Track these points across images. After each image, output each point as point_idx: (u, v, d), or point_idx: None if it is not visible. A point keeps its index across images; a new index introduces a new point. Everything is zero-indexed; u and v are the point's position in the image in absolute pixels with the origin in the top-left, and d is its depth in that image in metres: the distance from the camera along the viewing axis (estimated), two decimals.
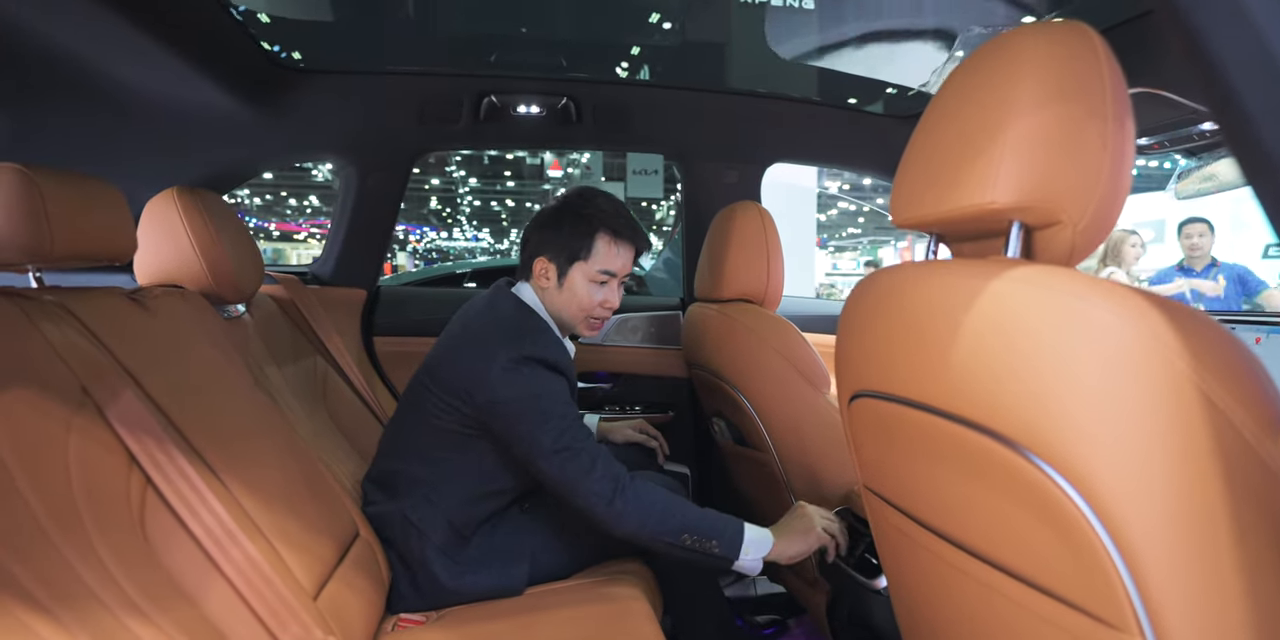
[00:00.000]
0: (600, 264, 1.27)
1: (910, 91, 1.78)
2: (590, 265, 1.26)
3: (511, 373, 1.17)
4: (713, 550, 1.14)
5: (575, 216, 1.27)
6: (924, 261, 0.76)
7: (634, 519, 1.13)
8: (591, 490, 1.13)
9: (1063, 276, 0.57)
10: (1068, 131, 0.61)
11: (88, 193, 0.95)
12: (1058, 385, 0.54)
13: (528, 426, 1.16)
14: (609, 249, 1.27)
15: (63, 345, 0.80)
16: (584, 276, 1.27)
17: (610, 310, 1.31)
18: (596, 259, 1.27)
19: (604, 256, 1.27)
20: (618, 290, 1.31)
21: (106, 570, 0.68)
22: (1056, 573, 0.58)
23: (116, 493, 0.76)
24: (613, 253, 1.27)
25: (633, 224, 1.30)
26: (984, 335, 0.60)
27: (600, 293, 1.28)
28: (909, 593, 0.87)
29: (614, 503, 1.13)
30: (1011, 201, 0.62)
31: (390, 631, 1.16)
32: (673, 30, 2.91)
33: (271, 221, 22.07)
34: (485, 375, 1.17)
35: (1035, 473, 0.56)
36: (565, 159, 17.79)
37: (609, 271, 1.27)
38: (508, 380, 1.17)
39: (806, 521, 1.17)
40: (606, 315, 1.32)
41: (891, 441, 0.79)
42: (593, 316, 1.31)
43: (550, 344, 1.23)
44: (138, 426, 0.81)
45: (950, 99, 0.72)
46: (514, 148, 2.00)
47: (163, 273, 1.25)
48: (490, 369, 1.17)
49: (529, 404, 1.17)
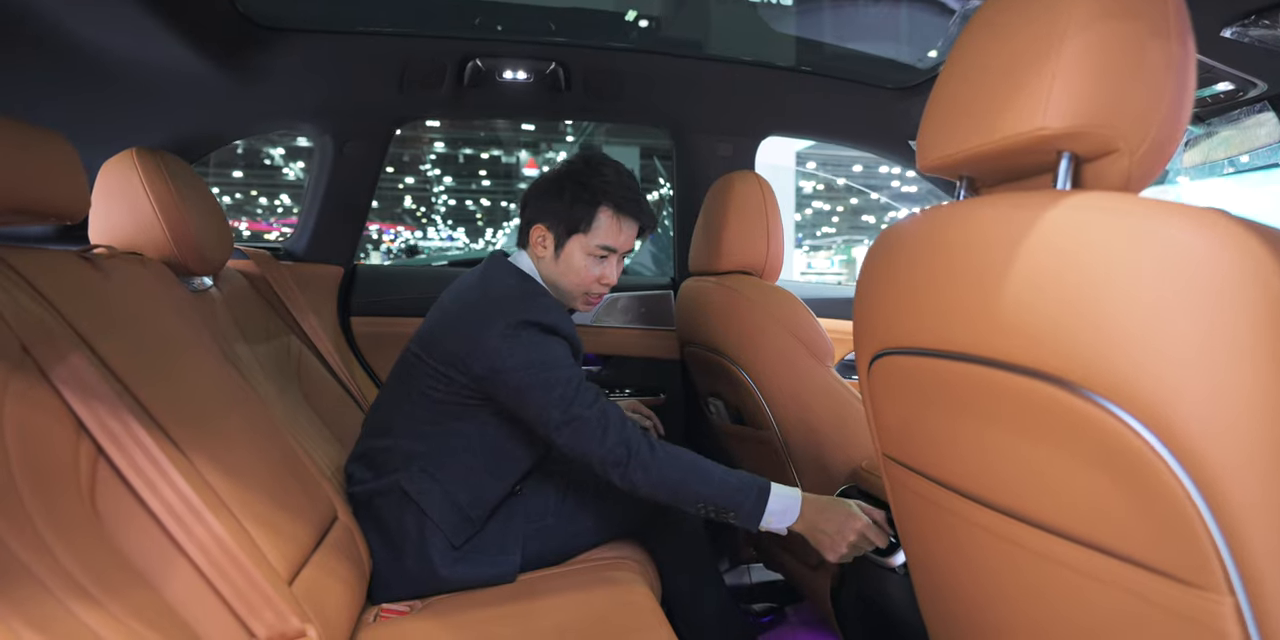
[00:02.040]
0: (601, 238, 1.19)
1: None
2: (590, 239, 1.19)
3: (511, 339, 1.11)
4: (729, 519, 1.08)
5: (578, 186, 1.19)
6: (959, 201, 0.70)
7: (648, 486, 1.08)
8: (605, 459, 1.08)
9: (1130, 200, 0.52)
10: (1129, 50, 0.56)
11: (31, 140, 0.85)
12: (1134, 317, 0.48)
13: (534, 397, 1.10)
14: (611, 223, 1.20)
15: (1, 301, 0.71)
16: (582, 250, 1.20)
17: (608, 287, 1.25)
18: (597, 233, 1.19)
19: (605, 231, 1.19)
20: (617, 266, 1.24)
21: (46, 548, 0.60)
22: (1127, 532, 0.52)
23: (62, 463, 0.68)
24: (615, 227, 1.20)
25: (639, 198, 1.22)
26: (1041, 269, 0.54)
27: (598, 268, 1.22)
28: (936, 568, 0.82)
29: (628, 470, 1.07)
30: (1064, 127, 0.56)
31: (372, 623, 1.08)
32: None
33: (242, 221, 21.68)
34: (484, 343, 1.11)
35: (1105, 419, 0.50)
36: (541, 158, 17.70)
37: (609, 247, 1.20)
38: (508, 348, 1.11)
39: (846, 509, 1.07)
40: (603, 291, 1.26)
41: (921, 401, 0.74)
42: (589, 292, 1.24)
43: (549, 307, 1.17)
44: (87, 392, 0.73)
45: (988, 24, 0.66)
46: (498, 116, 1.92)
47: (120, 239, 1.15)
48: (488, 336, 1.11)
49: (532, 373, 1.10)
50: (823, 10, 3.69)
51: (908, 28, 1.97)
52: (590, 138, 14.75)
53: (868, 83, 1.86)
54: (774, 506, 1.07)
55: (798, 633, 1.63)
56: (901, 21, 2.26)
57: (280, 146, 16.77)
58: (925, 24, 1.86)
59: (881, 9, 3.26)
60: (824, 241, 22.69)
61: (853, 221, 21.87)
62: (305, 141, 15.57)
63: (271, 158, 17.64)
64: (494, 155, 19.04)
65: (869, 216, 21.23)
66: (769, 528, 1.07)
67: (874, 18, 2.90)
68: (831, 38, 3.21)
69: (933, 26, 1.69)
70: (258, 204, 21.15)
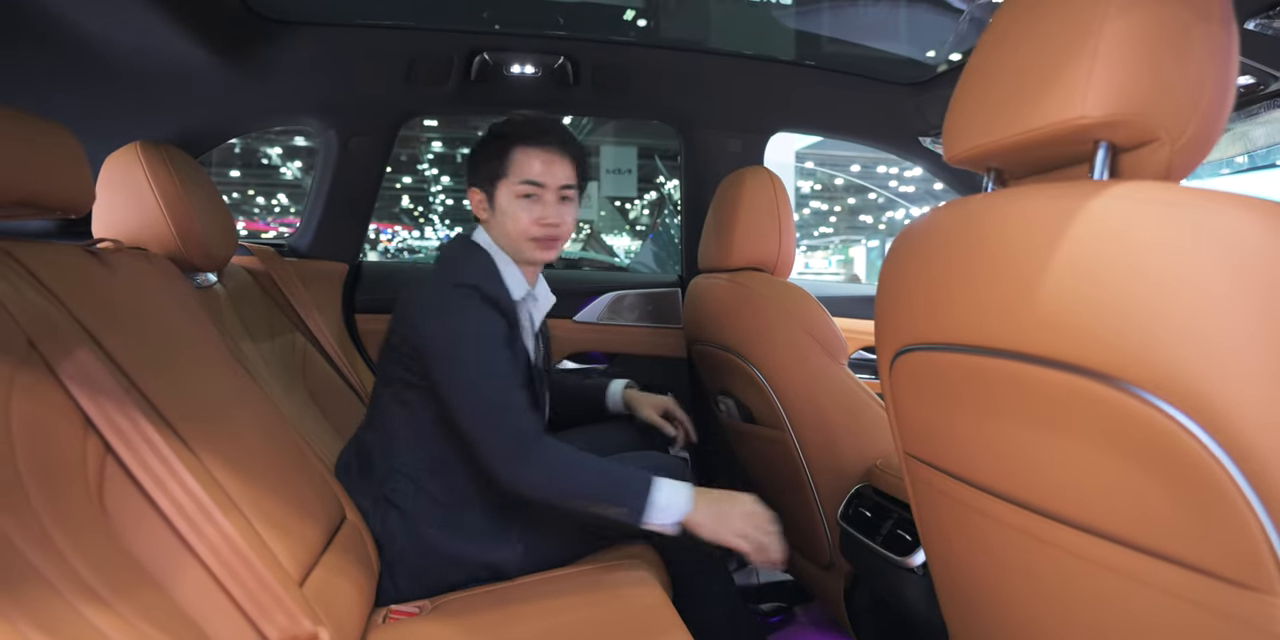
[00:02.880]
0: (520, 174, 1.19)
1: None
2: (512, 179, 1.19)
3: (439, 299, 1.12)
4: (623, 517, 1.07)
5: (487, 138, 1.22)
6: (989, 193, 0.68)
7: (536, 482, 1.06)
8: (494, 448, 1.06)
9: (1180, 189, 0.50)
10: (1172, 34, 0.54)
11: (36, 131, 0.83)
12: (1188, 311, 0.46)
13: (442, 367, 1.10)
14: (526, 158, 1.19)
15: (7, 295, 0.69)
16: (510, 193, 1.19)
17: (553, 226, 1.21)
18: (516, 170, 1.19)
19: (522, 166, 1.19)
20: (558, 205, 1.22)
21: (55, 548, 0.58)
22: (1172, 532, 0.50)
23: (70, 461, 0.66)
24: (532, 161, 1.19)
25: (550, 128, 1.22)
26: (1087, 262, 0.52)
27: (533, 209, 1.20)
28: (962, 568, 0.80)
29: (515, 463, 1.05)
30: (1104, 115, 0.54)
31: (381, 624, 1.06)
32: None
33: (240, 220, 21.61)
34: (416, 303, 1.13)
35: (1151, 415, 0.48)
36: None
37: (532, 181, 1.19)
38: (436, 307, 1.11)
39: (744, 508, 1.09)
40: (553, 233, 1.22)
41: (947, 398, 0.72)
42: (534, 237, 1.21)
43: (488, 275, 1.17)
44: (95, 388, 0.71)
45: (1020, 10, 0.64)
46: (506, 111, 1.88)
47: (124, 233, 1.13)
48: (423, 296, 1.14)
49: (448, 343, 1.10)
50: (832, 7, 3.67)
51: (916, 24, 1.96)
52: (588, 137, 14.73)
53: (877, 78, 1.84)
54: (662, 502, 1.06)
55: (807, 633, 1.62)
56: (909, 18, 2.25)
57: (278, 146, 16.70)
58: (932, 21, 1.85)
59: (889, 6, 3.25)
60: (821, 241, 22.69)
61: (850, 221, 21.87)
62: (303, 141, 15.41)
63: (269, 157, 17.58)
64: None
65: (866, 216, 21.23)
66: (657, 522, 1.06)
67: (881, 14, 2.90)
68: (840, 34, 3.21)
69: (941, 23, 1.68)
70: (255, 203, 21.07)
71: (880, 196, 19.21)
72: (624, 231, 17.70)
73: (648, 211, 18.22)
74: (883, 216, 20.25)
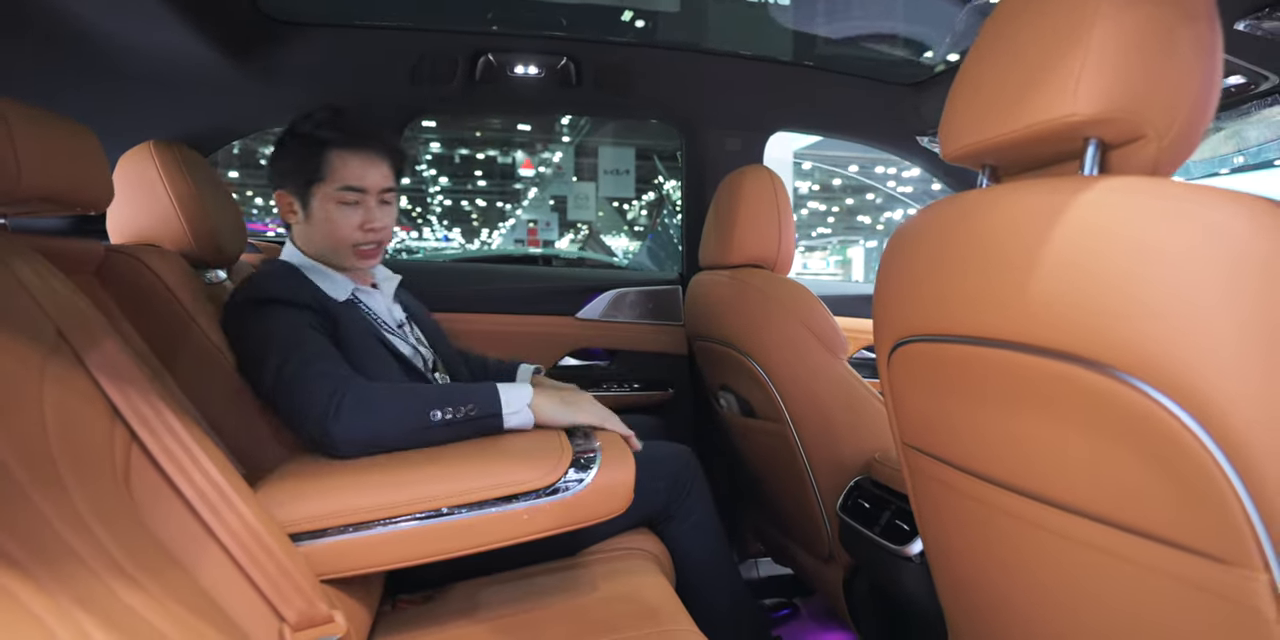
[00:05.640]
0: (340, 180, 1.13)
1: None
2: (330, 184, 1.13)
3: (238, 317, 1.09)
4: (471, 414, 1.00)
5: (298, 138, 1.15)
6: (984, 188, 0.71)
7: (366, 421, 0.96)
8: (312, 411, 0.95)
9: (1163, 183, 0.52)
10: (1160, 34, 0.56)
11: (60, 131, 0.86)
12: (1175, 300, 0.48)
13: (251, 368, 1.05)
14: (343, 162, 1.13)
15: (36, 286, 0.71)
16: (328, 199, 1.14)
17: (375, 231, 1.17)
18: (335, 175, 1.13)
19: (341, 171, 1.13)
20: (379, 209, 1.17)
21: (89, 530, 0.60)
22: (1160, 513, 0.53)
23: (98, 447, 0.68)
24: (351, 165, 1.13)
25: (366, 130, 1.16)
26: (1077, 253, 0.54)
27: (353, 215, 1.15)
28: (959, 556, 0.82)
29: (339, 414, 0.95)
30: (1094, 113, 0.57)
31: (390, 612, 1.08)
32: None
33: None
34: (224, 329, 1.10)
35: (1140, 401, 0.51)
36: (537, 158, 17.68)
37: (352, 187, 1.14)
38: (237, 325, 1.09)
39: (579, 397, 1.09)
40: (375, 238, 1.18)
41: (945, 388, 0.74)
42: (356, 243, 1.17)
43: (295, 287, 1.11)
44: (120, 377, 0.73)
45: (1014, 11, 0.67)
46: (509, 111, 1.90)
47: (138, 231, 1.16)
48: (226, 320, 1.11)
49: (250, 344, 1.06)
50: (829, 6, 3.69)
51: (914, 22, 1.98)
52: (586, 139, 14.74)
53: (876, 78, 1.87)
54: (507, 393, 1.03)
55: (809, 626, 1.64)
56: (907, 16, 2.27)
57: None
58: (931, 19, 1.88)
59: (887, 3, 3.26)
60: (819, 242, 22.71)
61: (848, 222, 21.89)
62: None
63: (266, 157, 17.54)
64: (490, 155, 19.02)
65: (864, 217, 21.25)
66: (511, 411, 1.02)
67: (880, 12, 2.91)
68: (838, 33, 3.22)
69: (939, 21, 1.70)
70: (254, 204, 21.06)
71: (878, 197, 19.24)
72: (622, 232, 17.72)
73: (646, 212, 18.25)
74: (881, 217, 20.28)
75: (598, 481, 0.92)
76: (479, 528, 0.89)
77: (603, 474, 0.93)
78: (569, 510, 0.91)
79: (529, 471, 0.90)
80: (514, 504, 0.89)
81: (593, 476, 0.92)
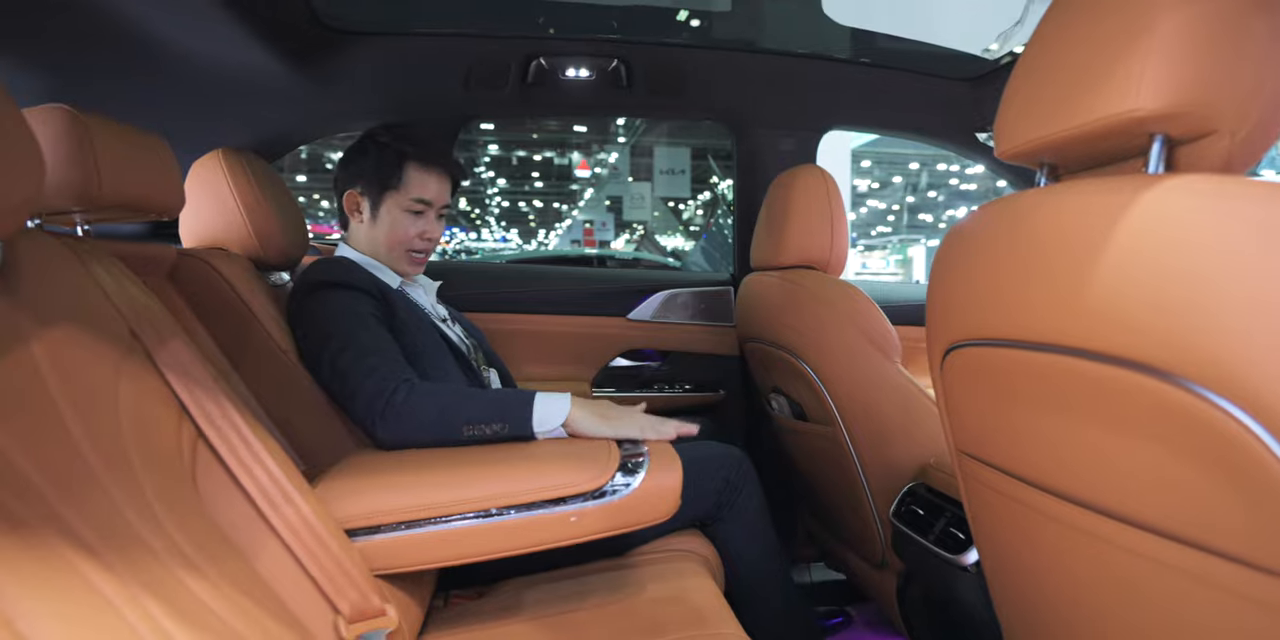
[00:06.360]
0: (413, 192, 1.25)
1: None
2: (403, 194, 1.25)
3: (298, 307, 1.15)
4: (503, 433, 1.04)
5: (381, 146, 1.25)
6: (1041, 188, 0.68)
7: (409, 425, 1.02)
8: (363, 406, 1.03)
9: (1231, 181, 0.50)
10: (1230, 24, 0.53)
11: (136, 141, 0.91)
12: (1237, 306, 0.45)
13: (311, 351, 1.11)
14: (420, 176, 1.25)
15: (113, 289, 0.76)
16: (398, 207, 1.25)
17: (431, 242, 1.30)
18: (409, 187, 1.25)
19: (416, 184, 1.25)
20: (436, 222, 1.30)
21: (157, 518, 0.63)
22: (1232, 531, 0.50)
23: (168, 442, 0.72)
24: (425, 180, 1.26)
25: (443, 150, 1.29)
26: (1141, 255, 0.51)
27: (417, 223, 1.27)
28: (1017, 567, 0.79)
29: (385, 414, 1.02)
30: (1159, 108, 0.54)
31: (443, 607, 1.11)
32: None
33: None
34: (290, 320, 1.17)
35: (1207, 411, 0.48)
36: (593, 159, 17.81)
37: (423, 200, 1.26)
38: (294, 315, 1.16)
39: (618, 412, 1.08)
40: (427, 247, 1.30)
41: (1001, 394, 0.72)
42: (413, 249, 1.29)
43: (351, 271, 1.18)
44: (187, 376, 0.77)
45: (1074, 3, 0.64)
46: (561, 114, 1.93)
47: (208, 235, 1.22)
48: (290, 309, 1.18)
49: (310, 328, 1.13)
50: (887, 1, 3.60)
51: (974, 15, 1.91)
52: (641, 139, 14.77)
53: (932, 73, 1.82)
54: (542, 413, 1.04)
55: (863, 636, 1.61)
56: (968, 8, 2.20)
57: (340, 151, 17.24)
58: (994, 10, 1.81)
59: None
60: (879, 241, 22.25)
61: (909, 220, 21.37)
62: None
63: (332, 162, 18.15)
64: (547, 157, 19.27)
65: (926, 215, 20.72)
66: (545, 430, 1.04)
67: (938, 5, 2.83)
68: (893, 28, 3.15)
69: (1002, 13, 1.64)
70: (320, 207, 21.82)
71: (940, 194, 18.72)
72: (677, 232, 17.70)
73: (701, 212, 18.18)
74: (943, 215, 19.74)
75: (645, 486, 0.92)
76: (527, 529, 0.90)
77: (650, 479, 0.93)
78: (616, 514, 0.91)
79: (577, 475, 0.91)
80: (562, 506, 0.90)
81: (640, 481, 0.92)
